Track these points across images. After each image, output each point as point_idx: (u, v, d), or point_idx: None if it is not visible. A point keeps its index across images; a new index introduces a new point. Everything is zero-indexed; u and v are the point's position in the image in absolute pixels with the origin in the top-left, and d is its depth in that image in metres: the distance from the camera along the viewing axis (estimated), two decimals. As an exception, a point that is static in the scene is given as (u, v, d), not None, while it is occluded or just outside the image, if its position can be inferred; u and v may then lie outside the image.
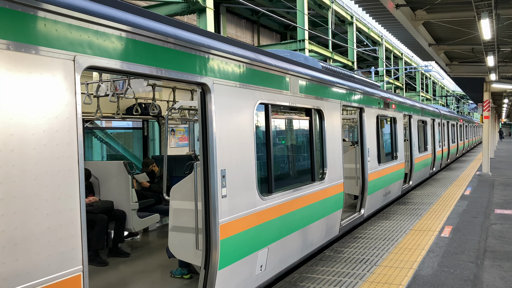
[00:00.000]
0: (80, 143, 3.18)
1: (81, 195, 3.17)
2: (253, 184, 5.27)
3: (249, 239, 5.17)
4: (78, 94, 3.18)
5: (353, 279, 6.11)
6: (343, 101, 8.35)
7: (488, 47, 11.06)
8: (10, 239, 2.72)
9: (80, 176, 3.17)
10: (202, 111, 4.57)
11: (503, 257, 6.93)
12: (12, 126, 2.75)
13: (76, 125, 3.16)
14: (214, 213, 4.56)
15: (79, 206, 3.16)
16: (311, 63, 8.48)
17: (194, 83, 4.42)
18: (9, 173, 2.73)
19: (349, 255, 7.26)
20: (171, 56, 4.09)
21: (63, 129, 3.07)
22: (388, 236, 8.44)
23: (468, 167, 22.68)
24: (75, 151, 3.14)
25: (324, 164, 7.46)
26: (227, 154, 4.82)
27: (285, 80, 6.18)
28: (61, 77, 3.06)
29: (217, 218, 4.58)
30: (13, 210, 2.74)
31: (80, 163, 3.18)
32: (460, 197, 12.96)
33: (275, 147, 6.24)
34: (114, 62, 3.48)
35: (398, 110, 12.59)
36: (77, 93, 3.17)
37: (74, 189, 3.13)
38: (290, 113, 6.70)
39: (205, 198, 4.53)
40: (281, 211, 5.90)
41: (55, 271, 2.97)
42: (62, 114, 3.06)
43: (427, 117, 17.07)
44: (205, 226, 4.54)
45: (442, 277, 6.08)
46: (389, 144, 11.91)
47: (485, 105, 18.71)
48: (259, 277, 5.49)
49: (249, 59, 5.28)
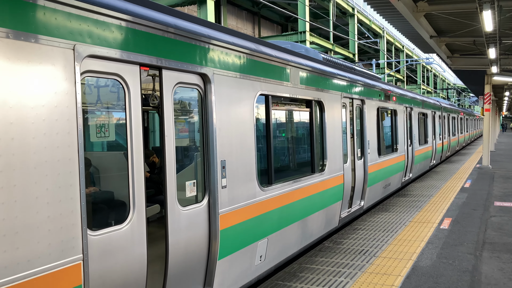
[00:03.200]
0: (80, 132, 3.18)
1: (81, 184, 3.18)
2: (253, 175, 5.28)
3: (248, 229, 5.19)
4: (78, 84, 3.17)
5: (352, 270, 6.14)
6: (344, 93, 8.34)
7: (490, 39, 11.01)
8: (11, 228, 2.73)
9: (80, 165, 3.17)
10: (203, 102, 4.57)
11: (501, 249, 6.96)
12: (12, 115, 2.75)
13: (76, 114, 3.15)
14: (214, 204, 4.57)
15: (79, 196, 3.17)
16: (312, 55, 8.46)
17: (194, 73, 4.41)
18: (9, 161, 2.73)
19: (348, 246, 7.29)
20: (171, 46, 4.08)
21: (63, 118, 3.07)
22: (387, 228, 8.46)
23: (468, 160, 22.69)
24: (75, 140, 3.14)
25: (324, 156, 7.46)
26: (227, 145, 4.83)
27: (286, 71, 6.17)
28: (60, 66, 3.05)
29: (217, 208, 4.59)
30: (14, 198, 2.75)
31: (80, 153, 3.18)
32: (460, 189, 12.98)
33: (275, 139, 6.24)
34: (114, 51, 3.47)
35: (398, 102, 12.57)
36: (77, 82, 3.16)
37: (74, 179, 3.14)
38: (290, 105, 6.69)
39: (205, 188, 4.55)
40: (281, 202, 5.92)
41: (56, 259, 2.99)
42: (62, 103, 3.06)
43: (427, 110, 17.05)
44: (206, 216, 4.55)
45: (441, 268, 6.11)
46: (389, 137, 11.91)
47: (486, 98, 18.67)
48: (258, 267, 5.51)
49: (250, 50, 5.26)
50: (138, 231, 3.73)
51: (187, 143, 4.62)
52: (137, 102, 3.78)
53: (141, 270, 3.76)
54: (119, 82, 3.66)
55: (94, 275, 3.33)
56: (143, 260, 3.77)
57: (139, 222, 3.75)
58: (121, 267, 3.57)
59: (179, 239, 4.10)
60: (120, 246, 3.55)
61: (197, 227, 4.35)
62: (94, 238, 3.35)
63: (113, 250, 3.50)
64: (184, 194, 4.27)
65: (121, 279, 3.57)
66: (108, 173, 3.94)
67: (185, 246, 4.18)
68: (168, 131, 4.05)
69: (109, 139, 3.83)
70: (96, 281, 3.35)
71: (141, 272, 3.76)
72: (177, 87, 4.25)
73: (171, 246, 4.00)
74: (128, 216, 3.68)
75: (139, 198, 3.77)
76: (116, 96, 3.77)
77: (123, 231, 3.60)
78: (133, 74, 3.73)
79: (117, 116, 3.83)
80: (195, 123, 4.60)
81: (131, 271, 3.67)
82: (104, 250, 3.43)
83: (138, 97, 3.79)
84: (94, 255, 3.34)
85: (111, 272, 3.49)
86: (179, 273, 4.15)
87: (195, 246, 4.35)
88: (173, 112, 4.13)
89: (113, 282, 3.50)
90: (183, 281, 4.23)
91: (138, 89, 3.78)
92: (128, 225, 3.65)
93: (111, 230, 3.50)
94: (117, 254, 3.53)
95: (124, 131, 3.75)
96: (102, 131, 3.74)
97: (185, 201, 4.26)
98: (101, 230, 3.43)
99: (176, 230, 4.07)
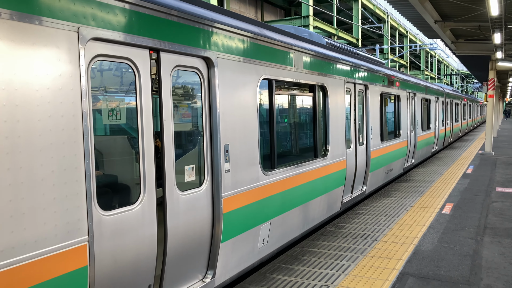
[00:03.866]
0: (85, 115, 3.19)
1: (86, 167, 3.21)
2: (256, 159, 5.30)
3: (251, 213, 5.23)
4: (82, 66, 3.17)
5: (353, 254, 6.20)
6: (347, 78, 8.31)
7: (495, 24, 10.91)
8: (17, 209, 2.77)
9: (85, 148, 3.20)
10: (206, 86, 4.56)
11: (503, 234, 7.00)
12: (17, 97, 2.76)
13: (80, 97, 3.17)
14: (217, 187, 4.60)
15: (84, 178, 3.20)
16: (316, 39, 8.40)
17: (197, 56, 4.40)
18: (16, 144, 2.76)
19: (350, 231, 7.34)
20: (174, 29, 4.06)
21: (68, 101, 3.08)
22: (389, 213, 8.51)
23: (470, 146, 22.67)
24: (80, 123, 3.16)
25: (327, 141, 7.48)
26: (231, 129, 4.84)
27: (289, 55, 6.14)
28: (65, 48, 3.06)
29: (221, 192, 4.63)
30: (20, 180, 2.78)
31: (85, 135, 3.20)
32: (462, 175, 13.01)
33: (278, 123, 6.25)
34: (117, 34, 3.47)
35: (402, 88, 12.52)
36: (82, 65, 3.17)
37: (79, 161, 3.17)
38: (293, 90, 6.68)
39: (206, 173, 4.57)
40: (284, 186, 5.95)
41: (62, 240, 3.03)
42: (66, 86, 3.07)
43: (430, 96, 16.98)
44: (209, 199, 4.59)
45: (442, 252, 6.16)
46: (392, 122, 11.90)
47: (490, 84, 18.57)
48: (261, 250, 5.58)
49: (253, 34, 5.24)
50: (149, 212, 3.82)
51: (187, 127, 4.62)
52: (147, 86, 3.82)
53: (152, 250, 3.85)
54: (130, 66, 3.70)
55: (101, 255, 3.39)
56: (153, 240, 3.85)
57: (150, 203, 3.83)
58: (131, 247, 3.64)
59: (178, 223, 4.14)
60: (130, 227, 3.64)
61: (197, 211, 4.39)
62: (106, 218, 3.43)
63: (124, 230, 3.58)
64: (183, 179, 4.30)
65: (131, 259, 3.64)
66: (119, 156, 3.97)
67: (184, 230, 4.22)
68: (166, 115, 4.04)
69: (120, 122, 3.85)
70: (103, 261, 3.40)
71: (151, 252, 3.84)
72: (178, 70, 4.24)
73: (169, 230, 4.04)
74: (139, 197, 3.76)
75: (150, 180, 3.85)
76: (127, 80, 3.79)
77: (134, 211, 3.67)
78: (143, 58, 3.77)
79: (128, 100, 3.86)
80: (196, 107, 4.61)
81: (142, 251, 3.75)
82: (115, 230, 3.50)
83: (148, 81, 3.83)
84: (105, 235, 3.41)
85: (121, 252, 3.55)
86: (179, 256, 4.20)
87: (196, 229, 4.39)
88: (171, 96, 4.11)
89: (121, 262, 3.56)
90: (183, 263, 4.29)
91: (148, 73, 3.82)
92: (139, 206, 3.72)
93: (123, 211, 3.58)
94: (128, 235, 3.61)
95: (134, 114, 3.78)
96: (114, 114, 3.77)
97: (184, 186, 4.29)
98: (113, 211, 3.51)
99: (175, 214, 4.10)
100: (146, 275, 3.85)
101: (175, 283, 4.23)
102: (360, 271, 5.55)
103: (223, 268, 4.83)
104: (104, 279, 3.43)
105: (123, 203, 3.75)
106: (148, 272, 3.87)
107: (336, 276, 5.40)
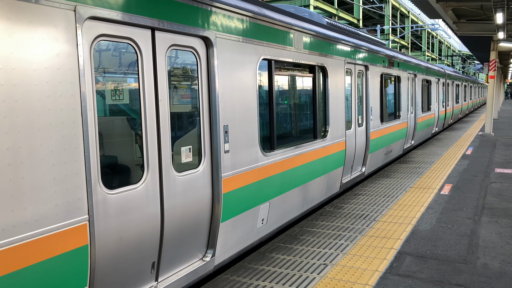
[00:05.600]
0: (84, 95, 3.18)
1: (85, 146, 3.21)
2: (255, 140, 5.30)
3: (251, 193, 5.26)
4: (80, 46, 3.15)
5: (352, 233, 6.26)
6: (348, 59, 8.25)
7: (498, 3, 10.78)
8: (18, 188, 2.79)
9: (84, 128, 3.20)
10: (205, 66, 4.53)
11: (500, 214, 7.06)
12: (15, 77, 2.75)
13: (78, 76, 3.15)
14: (217, 168, 4.62)
15: (84, 158, 3.21)
16: (316, 19, 8.32)
17: (196, 36, 4.36)
18: (14, 123, 2.76)
19: (349, 211, 7.40)
20: (173, 7, 4.02)
21: (66, 81, 3.07)
22: (388, 193, 8.56)
23: (471, 128, 22.66)
24: (78, 103, 3.15)
25: (326, 122, 7.47)
26: (230, 110, 4.83)
27: (289, 35, 6.09)
28: (62, 27, 3.03)
29: (220, 172, 4.65)
30: (20, 160, 2.79)
31: (84, 115, 3.19)
32: (461, 156, 13.04)
33: (277, 104, 6.24)
34: (115, 13, 3.43)
35: (402, 69, 12.44)
36: (79, 44, 3.14)
37: (78, 141, 3.17)
38: (293, 70, 6.64)
39: (204, 154, 4.57)
40: (283, 167, 5.97)
41: (62, 219, 3.06)
42: (64, 65, 3.05)
43: (431, 77, 16.89)
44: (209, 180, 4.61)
45: (440, 232, 6.22)
46: (392, 104, 11.87)
47: (491, 65, 18.45)
48: (260, 230, 5.63)
49: (253, 13, 5.18)
50: (152, 190, 3.86)
51: (185, 108, 4.60)
52: (149, 67, 3.81)
53: (155, 227, 3.90)
54: (132, 46, 3.69)
55: (105, 233, 3.43)
56: (157, 219, 3.90)
57: (153, 182, 3.87)
58: (136, 224, 3.69)
59: (175, 203, 4.16)
60: (135, 204, 3.68)
61: (195, 192, 4.41)
62: (111, 196, 3.46)
63: (129, 208, 3.62)
64: (180, 160, 4.30)
65: (135, 236, 3.70)
66: (123, 137, 3.97)
67: (182, 210, 4.24)
68: (162, 96, 4.01)
69: (124, 102, 3.84)
70: (106, 239, 3.44)
71: (155, 229, 3.90)
72: (176, 50, 4.21)
73: (166, 210, 4.06)
74: (143, 176, 3.80)
75: (153, 160, 3.88)
76: (130, 61, 3.78)
77: (138, 190, 3.71)
78: (144, 38, 3.76)
79: (130, 81, 3.85)
80: (196, 88, 4.58)
81: (145, 229, 3.80)
82: (120, 208, 3.54)
83: (150, 61, 3.83)
84: (109, 213, 3.46)
85: (126, 230, 3.60)
86: (177, 235, 4.24)
87: (195, 209, 4.41)
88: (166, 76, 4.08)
89: (126, 240, 3.61)
90: (182, 242, 4.32)
91: (150, 53, 3.80)
92: (143, 184, 3.76)
93: (127, 189, 3.62)
94: (132, 212, 3.65)
95: (137, 95, 3.78)
96: (117, 94, 3.76)
97: (181, 166, 4.29)
98: (118, 189, 3.55)
99: (171, 195, 4.12)
100: (150, 252, 3.91)
101: (174, 262, 4.28)
102: (359, 250, 5.61)
103: (223, 247, 4.88)
104: (107, 257, 3.47)
105: (128, 182, 3.79)
106: (152, 249, 3.92)
107: (335, 255, 5.47)
